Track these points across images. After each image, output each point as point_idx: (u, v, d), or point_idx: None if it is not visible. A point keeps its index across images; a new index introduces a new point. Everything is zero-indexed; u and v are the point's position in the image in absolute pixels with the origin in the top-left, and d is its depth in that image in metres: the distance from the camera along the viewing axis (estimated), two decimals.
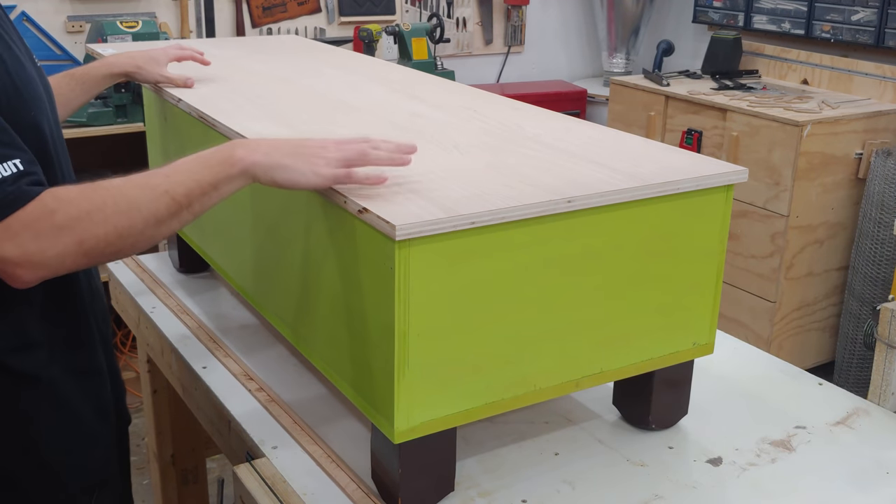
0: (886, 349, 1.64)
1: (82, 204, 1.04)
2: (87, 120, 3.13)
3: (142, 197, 1.06)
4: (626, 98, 3.84)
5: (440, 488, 1.19)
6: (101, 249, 1.05)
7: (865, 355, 3.15)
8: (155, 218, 1.07)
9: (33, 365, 1.20)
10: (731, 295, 3.45)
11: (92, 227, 1.03)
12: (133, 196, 1.06)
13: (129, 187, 1.07)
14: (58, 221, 1.02)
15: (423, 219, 1.02)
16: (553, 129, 1.43)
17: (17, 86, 1.14)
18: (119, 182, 1.08)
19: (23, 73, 1.17)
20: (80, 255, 1.04)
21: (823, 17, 3.72)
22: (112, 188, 1.07)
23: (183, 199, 1.08)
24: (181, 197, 1.07)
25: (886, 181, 3.13)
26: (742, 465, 1.29)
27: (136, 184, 1.08)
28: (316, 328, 1.29)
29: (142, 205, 1.06)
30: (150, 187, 1.07)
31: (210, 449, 2.18)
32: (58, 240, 1.02)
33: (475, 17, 4.41)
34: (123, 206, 1.05)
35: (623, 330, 1.23)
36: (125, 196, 1.06)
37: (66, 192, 1.05)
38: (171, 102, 1.62)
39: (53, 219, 1.02)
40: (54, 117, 1.27)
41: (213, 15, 3.75)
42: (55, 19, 3.41)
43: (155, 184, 1.08)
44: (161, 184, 1.08)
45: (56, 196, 1.03)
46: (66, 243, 1.03)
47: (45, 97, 1.23)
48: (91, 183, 1.07)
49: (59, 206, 1.02)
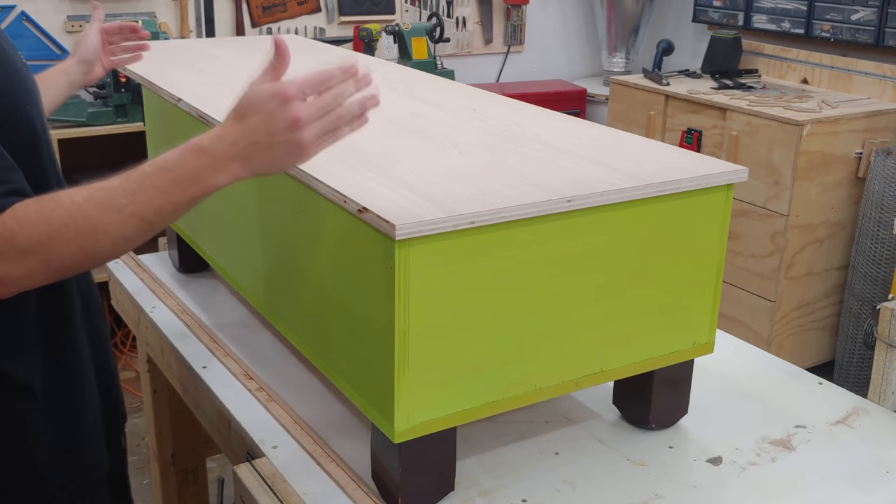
0: (886, 348, 1.64)
1: (41, 227, 0.98)
2: (87, 120, 3.13)
3: (107, 220, 0.99)
4: (626, 97, 3.84)
5: (440, 488, 1.19)
6: (71, 267, 1.01)
7: (865, 354, 3.15)
8: (123, 238, 1.01)
9: (26, 371, 1.18)
10: (731, 294, 3.45)
11: (56, 249, 0.98)
12: (97, 218, 0.99)
13: (92, 208, 0.99)
14: (19, 244, 0.97)
15: (423, 218, 1.02)
16: (553, 128, 1.43)
17: (11, 80, 1.12)
18: (81, 199, 1.00)
19: (13, 68, 1.14)
20: (50, 273, 1.00)
21: (823, 16, 3.72)
22: (73, 208, 0.99)
23: (154, 217, 1.01)
24: (151, 216, 1.01)
25: (886, 180, 3.13)
26: (742, 465, 1.29)
27: (99, 204, 1.00)
28: (316, 327, 1.29)
29: (108, 227, 0.99)
30: (115, 208, 1.00)
31: (210, 449, 2.18)
32: (23, 261, 0.98)
33: (475, 16, 4.41)
34: (87, 229, 0.99)
35: (623, 329, 1.23)
36: (88, 218, 0.99)
37: (25, 213, 0.98)
38: (170, 102, 1.62)
39: (14, 241, 0.97)
40: (42, 113, 1.23)
41: (212, 15, 3.75)
42: (55, 19, 3.41)
43: (121, 205, 1.00)
44: (127, 205, 1.00)
45: (16, 217, 0.98)
46: (32, 264, 0.98)
47: (35, 92, 1.20)
48: (51, 198, 1.00)
49: (18, 229, 0.97)
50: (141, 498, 2.90)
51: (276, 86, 1.02)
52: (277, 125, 1.00)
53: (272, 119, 1.01)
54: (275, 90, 1.02)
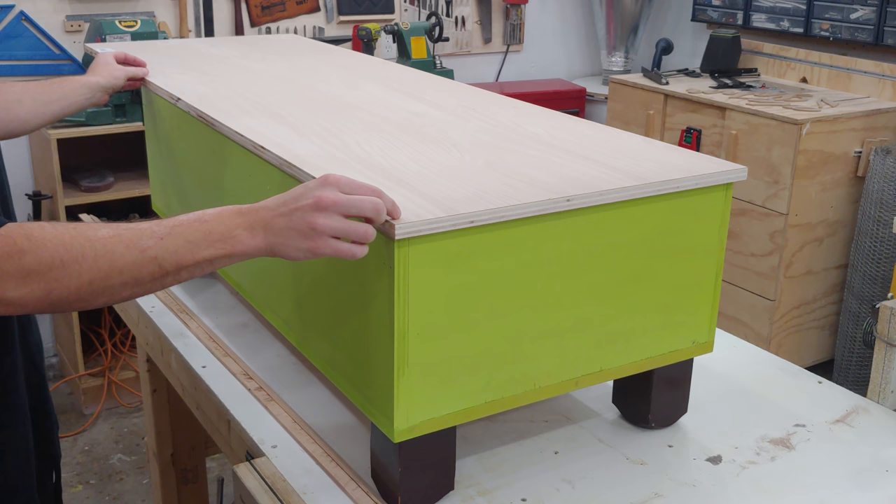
0: (886, 347, 1.64)
1: (58, 251, 0.93)
2: (86, 119, 3.13)
3: (127, 257, 0.96)
4: (625, 97, 3.84)
5: (440, 487, 1.19)
6: (69, 302, 0.96)
7: (865, 353, 3.15)
8: (135, 281, 0.97)
9: None
10: (730, 293, 3.45)
11: (64, 279, 0.93)
12: (118, 254, 0.96)
13: (116, 243, 0.96)
14: (26, 264, 0.92)
15: (422, 218, 1.02)
16: (552, 127, 1.43)
17: None
18: (106, 233, 0.97)
19: None
20: (46, 303, 0.95)
21: (822, 15, 3.72)
22: (96, 240, 0.96)
23: (172, 268, 0.99)
24: (170, 266, 0.98)
25: (886, 179, 3.13)
26: (742, 464, 1.29)
27: (124, 240, 0.97)
28: (315, 327, 1.29)
29: (125, 266, 0.96)
30: (139, 248, 0.97)
31: (210, 448, 2.18)
32: (24, 284, 0.92)
33: (474, 15, 4.41)
34: (104, 264, 0.95)
35: (622, 328, 1.23)
36: (109, 252, 0.96)
37: (39, 232, 0.94)
38: (169, 102, 1.62)
39: (22, 260, 0.92)
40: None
41: (211, 14, 3.75)
42: (54, 19, 3.40)
43: (145, 245, 0.97)
44: (152, 247, 0.97)
45: (28, 235, 0.93)
46: (32, 290, 0.93)
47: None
48: (72, 225, 0.97)
49: (29, 248, 0.92)
50: (141, 497, 2.90)
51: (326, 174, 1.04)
52: (305, 199, 1.01)
53: (304, 190, 1.02)
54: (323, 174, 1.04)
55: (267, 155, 1.27)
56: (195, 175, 1.68)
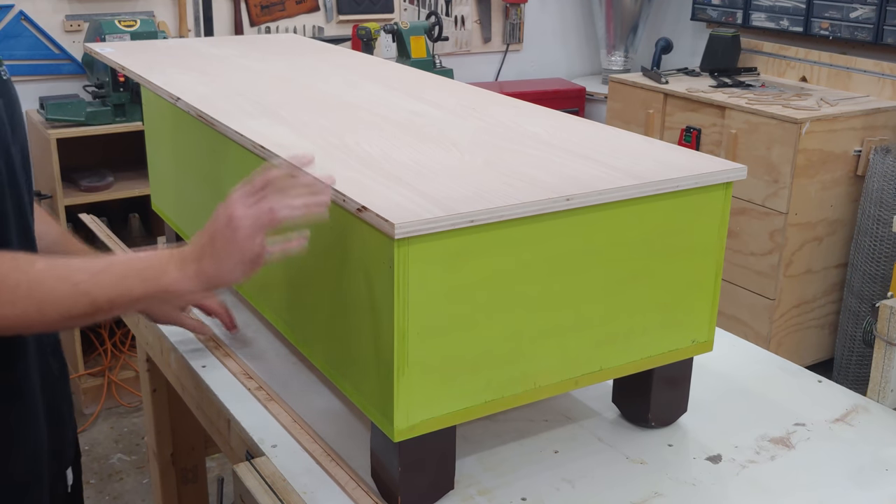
0: (885, 346, 1.64)
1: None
2: (86, 119, 3.13)
3: (59, 291, 0.99)
4: (625, 96, 3.84)
5: (440, 486, 1.19)
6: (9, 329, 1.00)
7: (864, 352, 3.15)
8: (68, 315, 1.01)
9: None
10: (730, 292, 3.45)
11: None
12: (50, 287, 0.99)
13: (49, 276, 1.00)
14: None
15: (422, 217, 1.02)
16: (551, 126, 1.43)
17: None
18: (42, 266, 1.00)
19: None
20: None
21: (822, 14, 3.72)
22: (32, 272, 0.99)
23: (104, 304, 1.02)
24: (103, 302, 1.02)
25: (885, 178, 3.13)
26: (741, 463, 1.29)
27: (58, 274, 1.01)
28: (315, 326, 1.29)
29: (57, 300, 0.99)
30: (71, 282, 1.00)
31: (210, 448, 2.18)
32: None
33: (473, 15, 4.41)
34: (37, 295, 0.98)
35: (622, 328, 1.23)
36: (42, 285, 0.99)
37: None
38: (169, 101, 1.62)
39: None
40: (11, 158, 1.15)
41: (211, 14, 3.75)
42: (53, 18, 3.40)
43: (77, 280, 1.00)
44: (84, 282, 1.01)
45: None
46: None
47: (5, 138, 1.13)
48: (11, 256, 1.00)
49: None
50: (141, 497, 2.90)
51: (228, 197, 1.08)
52: (218, 223, 1.06)
53: (215, 219, 1.07)
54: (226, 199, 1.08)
55: (267, 155, 1.27)
56: (195, 175, 1.68)
